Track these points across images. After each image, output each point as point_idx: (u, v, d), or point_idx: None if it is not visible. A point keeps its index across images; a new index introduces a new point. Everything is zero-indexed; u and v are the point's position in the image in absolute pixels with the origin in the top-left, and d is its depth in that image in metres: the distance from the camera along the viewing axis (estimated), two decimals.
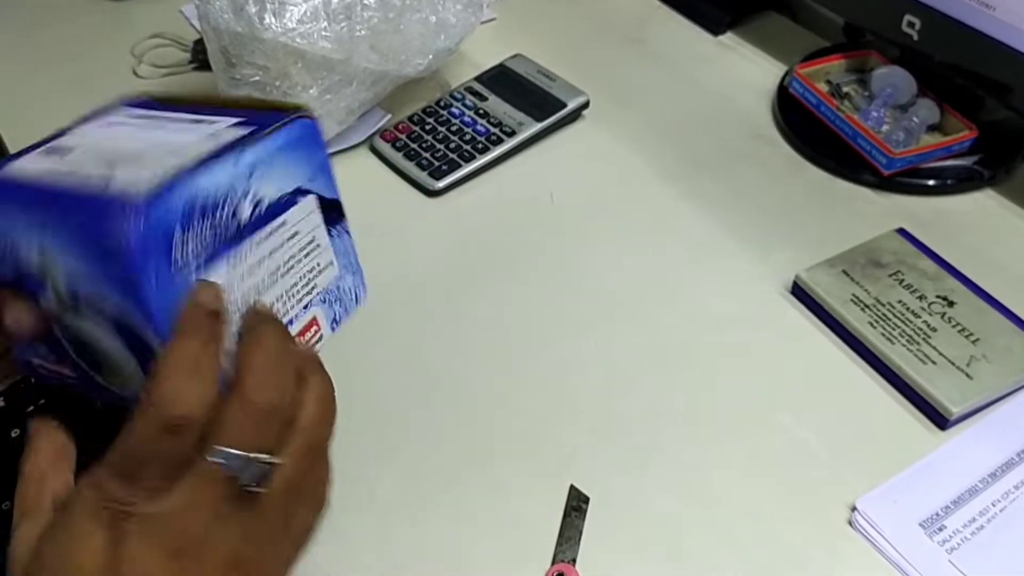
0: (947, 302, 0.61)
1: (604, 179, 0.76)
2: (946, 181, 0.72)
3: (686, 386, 0.60)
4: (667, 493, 0.54)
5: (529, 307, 0.65)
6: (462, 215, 0.73)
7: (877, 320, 0.60)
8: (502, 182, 0.75)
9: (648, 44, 0.90)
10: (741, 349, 0.62)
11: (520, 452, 0.56)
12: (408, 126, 0.78)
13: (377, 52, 0.71)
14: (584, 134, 0.80)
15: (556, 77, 0.81)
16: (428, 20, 0.73)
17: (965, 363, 0.57)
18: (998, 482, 0.54)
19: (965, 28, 0.67)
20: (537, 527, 0.52)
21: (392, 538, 0.52)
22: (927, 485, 0.53)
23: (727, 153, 0.77)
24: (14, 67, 0.88)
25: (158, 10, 0.94)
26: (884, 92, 0.76)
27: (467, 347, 0.62)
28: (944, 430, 0.57)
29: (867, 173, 0.73)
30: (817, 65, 0.80)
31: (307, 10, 0.67)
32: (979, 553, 0.50)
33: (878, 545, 0.51)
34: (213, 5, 0.68)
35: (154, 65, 0.87)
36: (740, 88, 0.84)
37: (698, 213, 0.72)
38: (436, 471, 0.55)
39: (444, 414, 0.56)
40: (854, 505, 0.52)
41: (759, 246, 0.69)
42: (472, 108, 0.79)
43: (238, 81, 0.70)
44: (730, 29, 0.90)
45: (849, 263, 0.64)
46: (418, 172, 0.74)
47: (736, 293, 0.66)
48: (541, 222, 0.72)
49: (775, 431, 0.57)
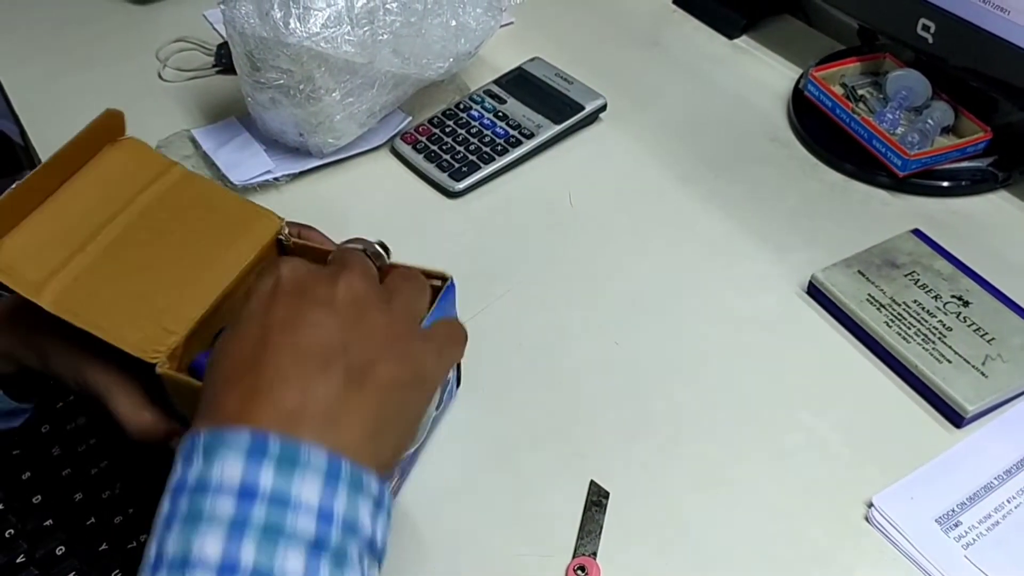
0: (962, 302, 0.62)
1: (622, 181, 0.77)
2: (961, 183, 0.73)
3: (704, 384, 0.61)
4: (686, 489, 0.55)
5: (549, 307, 0.66)
6: (481, 216, 0.74)
7: (893, 320, 0.61)
8: (521, 184, 0.76)
9: (664, 47, 0.91)
10: (758, 348, 0.63)
11: (541, 448, 0.57)
12: (428, 128, 0.79)
13: (399, 56, 0.72)
14: (602, 136, 0.81)
15: (574, 80, 0.82)
16: (449, 24, 0.74)
17: (980, 362, 0.58)
18: (1013, 479, 0.54)
19: (980, 31, 0.68)
20: (558, 521, 0.53)
21: (413, 531, 0.54)
22: (943, 482, 0.54)
23: (743, 155, 0.78)
24: (40, 69, 0.90)
25: (182, 14, 0.95)
26: (899, 95, 0.77)
27: (486, 346, 0.63)
28: (959, 428, 0.57)
29: (882, 175, 0.74)
30: (832, 68, 0.81)
31: (331, 15, 0.68)
32: (995, 548, 0.51)
33: (895, 541, 0.52)
34: (239, 10, 0.69)
35: (178, 69, 0.88)
36: (755, 91, 0.85)
37: (715, 214, 0.73)
38: (458, 466, 0.57)
39: (465, 410, 0.57)
40: (871, 501, 0.53)
41: (775, 247, 0.70)
42: (491, 111, 0.80)
43: (262, 85, 0.72)
44: (745, 32, 0.91)
45: (865, 263, 0.65)
46: (438, 174, 0.75)
47: (753, 293, 0.67)
48: (560, 223, 0.73)
49: (793, 428, 0.58)
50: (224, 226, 0.54)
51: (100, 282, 0.50)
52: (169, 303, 0.50)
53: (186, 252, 0.53)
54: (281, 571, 0.33)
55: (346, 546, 0.35)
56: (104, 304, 0.49)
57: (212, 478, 0.35)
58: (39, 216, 0.51)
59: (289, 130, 0.75)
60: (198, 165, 0.76)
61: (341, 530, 0.35)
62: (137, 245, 0.52)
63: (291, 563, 0.34)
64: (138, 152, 0.56)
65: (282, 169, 0.76)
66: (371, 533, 0.37)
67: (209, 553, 0.33)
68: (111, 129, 0.55)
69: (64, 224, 0.52)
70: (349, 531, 0.35)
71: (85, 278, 0.50)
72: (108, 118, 0.54)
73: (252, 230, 0.54)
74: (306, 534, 0.34)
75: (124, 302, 0.49)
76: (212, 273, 0.52)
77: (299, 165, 0.76)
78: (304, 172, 0.76)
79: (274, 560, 0.33)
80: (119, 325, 0.48)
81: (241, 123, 0.79)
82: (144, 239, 0.53)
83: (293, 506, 0.35)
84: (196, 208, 0.55)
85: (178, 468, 0.36)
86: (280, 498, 0.34)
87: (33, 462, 0.63)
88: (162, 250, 0.52)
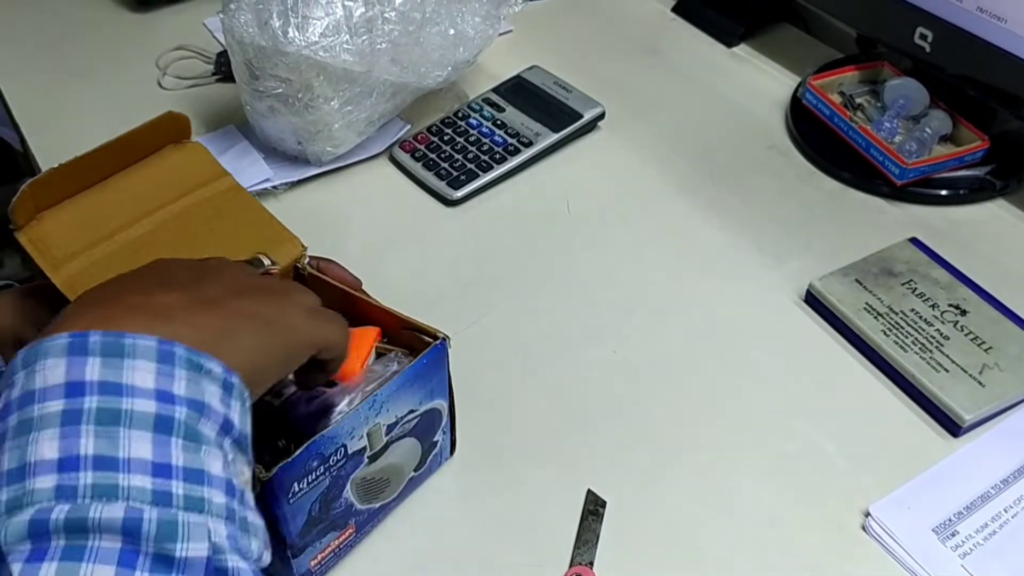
0: (959, 311, 0.62)
1: (620, 189, 0.77)
2: (958, 191, 0.73)
3: (701, 392, 0.61)
4: (683, 498, 0.55)
5: (546, 315, 0.67)
6: (480, 224, 0.74)
7: (890, 328, 0.61)
8: (519, 192, 0.77)
9: (663, 56, 0.91)
10: (755, 356, 0.63)
11: (538, 456, 0.57)
12: (427, 136, 0.79)
13: (397, 64, 0.73)
14: (600, 144, 0.81)
15: (572, 88, 0.82)
16: (447, 33, 0.74)
17: (977, 371, 0.58)
18: (1010, 488, 0.54)
19: (977, 40, 0.68)
20: (555, 530, 0.53)
21: (411, 539, 0.54)
22: (940, 491, 0.54)
23: (741, 163, 0.78)
24: (41, 78, 0.90)
25: (182, 22, 0.95)
26: (896, 103, 0.77)
27: (484, 354, 0.63)
28: (957, 437, 0.57)
29: (880, 183, 0.74)
30: (830, 76, 0.81)
31: (330, 24, 0.69)
32: (991, 558, 0.51)
33: (891, 550, 0.52)
34: (238, 19, 0.69)
35: (178, 77, 0.88)
36: (754, 99, 0.85)
37: (712, 222, 0.73)
38: (455, 474, 0.57)
39: (463, 419, 0.57)
40: (868, 511, 0.53)
41: (773, 255, 0.70)
42: (490, 119, 0.80)
43: (261, 93, 0.72)
44: (744, 41, 0.92)
45: (862, 272, 0.65)
46: (437, 182, 0.76)
47: (750, 301, 0.67)
48: (558, 231, 0.73)
49: (789, 437, 0.58)
50: (250, 242, 0.54)
51: (114, 272, 0.50)
52: None
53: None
54: (126, 456, 0.32)
55: (196, 426, 0.34)
56: None
57: (35, 385, 0.33)
58: (85, 199, 0.53)
59: (288, 138, 0.75)
60: None
61: (186, 409, 0.33)
62: (162, 244, 0.53)
63: (136, 445, 0.32)
64: (197, 157, 0.57)
65: (281, 177, 0.76)
66: (225, 416, 0.35)
67: (45, 452, 0.31)
68: (175, 131, 0.56)
69: (104, 211, 0.53)
70: (196, 410, 0.34)
71: (102, 265, 0.51)
72: (170, 119, 0.55)
73: (274, 252, 0.54)
74: (146, 416, 0.33)
75: None
76: None
77: (298, 173, 0.76)
78: (303, 180, 0.76)
79: (117, 445, 0.32)
80: None
81: (240, 131, 0.80)
82: (170, 240, 0.53)
83: (127, 392, 0.33)
84: (230, 220, 0.55)
85: (1, 396, 0.34)
86: (111, 388, 0.33)
87: None
88: (183, 253, 0.53)
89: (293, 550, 0.47)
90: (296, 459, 0.43)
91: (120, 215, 0.53)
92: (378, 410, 0.47)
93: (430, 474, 0.56)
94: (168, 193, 0.55)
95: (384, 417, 0.48)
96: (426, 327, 0.50)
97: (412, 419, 0.50)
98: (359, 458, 0.48)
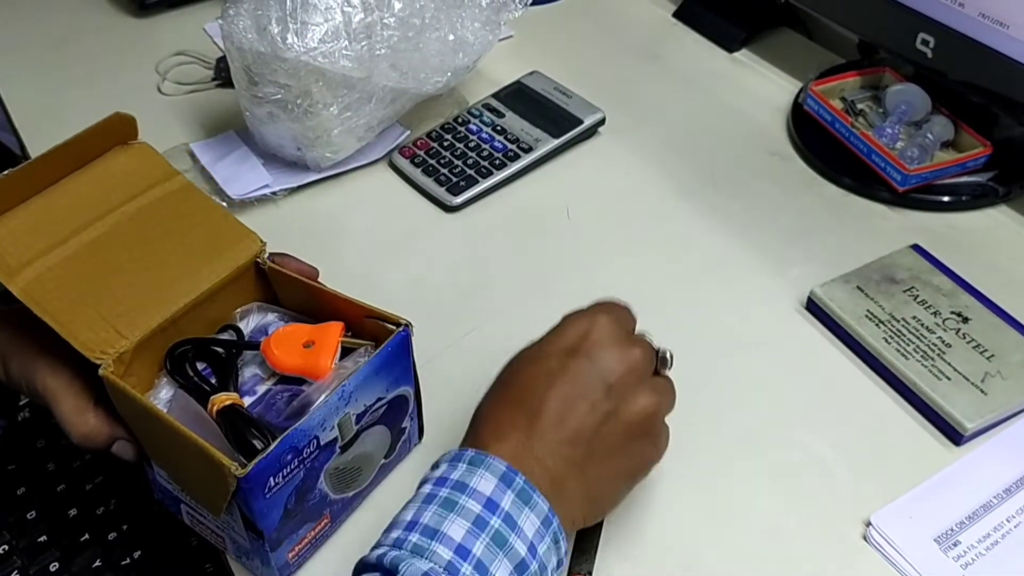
0: (961, 318, 0.61)
1: (620, 195, 0.76)
2: (960, 197, 0.73)
3: (702, 400, 0.60)
4: (683, 507, 0.55)
5: (546, 321, 0.66)
6: (479, 230, 0.74)
7: (892, 336, 0.61)
8: (519, 198, 0.76)
9: (663, 61, 0.91)
10: (756, 364, 0.62)
11: None
12: (426, 142, 0.79)
13: (397, 70, 0.72)
14: (600, 150, 0.81)
15: (572, 94, 0.82)
16: (447, 39, 0.74)
17: (980, 379, 0.58)
18: (1012, 498, 0.54)
19: (979, 46, 0.68)
20: None
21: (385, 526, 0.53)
22: (942, 500, 0.54)
23: (742, 169, 0.78)
24: (40, 82, 0.90)
25: (182, 28, 0.95)
26: (898, 109, 0.76)
27: (484, 360, 0.62)
28: (959, 446, 0.57)
29: (882, 189, 0.74)
30: (832, 82, 0.81)
31: (328, 30, 0.68)
32: (993, 569, 0.50)
33: (893, 560, 0.51)
34: (236, 25, 0.69)
35: (178, 82, 0.88)
36: (755, 105, 0.85)
37: (713, 229, 0.73)
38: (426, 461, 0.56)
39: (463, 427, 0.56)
40: (869, 520, 0.53)
41: (774, 262, 0.69)
42: (489, 124, 0.80)
43: (260, 99, 0.72)
44: (745, 46, 0.91)
45: (864, 279, 0.64)
46: (436, 188, 0.75)
47: (751, 309, 0.66)
48: (558, 238, 0.73)
49: (790, 446, 0.58)
50: (207, 241, 0.54)
51: (72, 277, 0.51)
52: (130, 308, 0.50)
53: (162, 261, 0.53)
54: (494, 573, 0.42)
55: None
56: (69, 299, 0.49)
57: (470, 484, 0.44)
58: (34, 205, 0.52)
59: (287, 144, 0.75)
60: (196, 179, 0.76)
61: (538, 567, 0.43)
62: (118, 246, 0.53)
63: (500, 572, 0.42)
64: (146, 157, 0.56)
65: (280, 183, 0.75)
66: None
67: (454, 535, 0.42)
68: (121, 132, 0.56)
69: (56, 216, 0.52)
70: (542, 571, 0.44)
71: (59, 270, 0.50)
72: (118, 121, 0.55)
73: (232, 249, 0.54)
74: (517, 556, 0.42)
75: (88, 300, 0.50)
76: (182, 286, 0.52)
77: (297, 179, 0.76)
78: (302, 186, 0.76)
79: (492, 562, 0.42)
80: (75, 321, 0.49)
81: (239, 137, 0.79)
82: (127, 242, 0.53)
83: (516, 531, 0.43)
84: (186, 219, 0.55)
85: (443, 466, 0.45)
86: (510, 521, 0.43)
87: (27, 478, 0.63)
88: (140, 255, 0.53)
89: (271, 544, 0.47)
90: (270, 454, 0.44)
91: (73, 219, 0.52)
92: (347, 400, 0.48)
93: (400, 460, 0.57)
94: (120, 195, 0.54)
95: (353, 406, 0.49)
96: (388, 315, 0.51)
97: (380, 407, 0.51)
98: (331, 449, 0.48)
